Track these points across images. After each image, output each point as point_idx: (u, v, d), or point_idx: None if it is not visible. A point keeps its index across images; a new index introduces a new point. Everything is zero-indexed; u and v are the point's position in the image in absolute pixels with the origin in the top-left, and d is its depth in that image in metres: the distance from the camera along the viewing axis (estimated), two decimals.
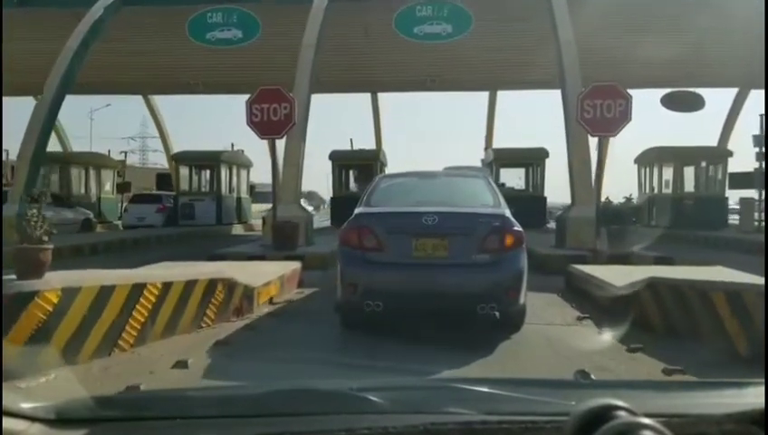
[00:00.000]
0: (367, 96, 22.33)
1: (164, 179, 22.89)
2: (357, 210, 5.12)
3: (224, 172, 19.10)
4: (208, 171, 19.61)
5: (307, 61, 11.57)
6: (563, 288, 6.77)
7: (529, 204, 15.10)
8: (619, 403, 0.60)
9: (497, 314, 4.50)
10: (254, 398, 1.02)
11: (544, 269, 8.26)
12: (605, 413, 0.58)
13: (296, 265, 7.39)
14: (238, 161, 20.08)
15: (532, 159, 17.95)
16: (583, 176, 10.66)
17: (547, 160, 17.83)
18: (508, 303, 4.55)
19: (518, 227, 4.74)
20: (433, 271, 4.64)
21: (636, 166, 19.27)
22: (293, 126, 10.12)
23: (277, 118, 10.01)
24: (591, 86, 9.68)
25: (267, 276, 6.16)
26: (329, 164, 18.77)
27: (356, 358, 4.04)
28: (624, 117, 9.46)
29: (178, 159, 19.80)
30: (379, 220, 4.86)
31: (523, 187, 18.61)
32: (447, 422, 0.72)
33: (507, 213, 4.90)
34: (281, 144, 11.22)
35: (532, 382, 1.26)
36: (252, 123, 10.04)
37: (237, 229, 18.38)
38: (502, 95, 22.42)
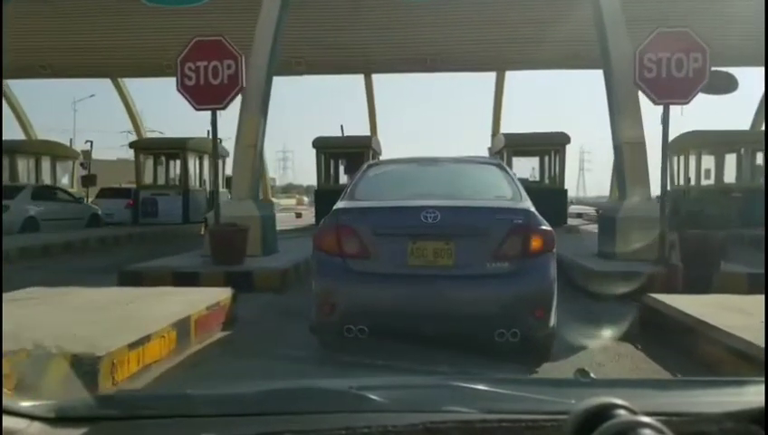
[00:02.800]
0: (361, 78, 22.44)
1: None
2: (337, 205, 4.65)
3: (192, 163, 19.07)
4: (173, 162, 19.64)
5: (270, 15, 10.07)
6: (639, 332, 5.16)
7: (547, 198, 14.64)
8: (619, 402, 0.68)
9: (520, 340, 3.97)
10: (254, 396, 1.13)
11: (592, 292, 6.94)
12: (605, 412, 0.65)
13: (223, 294, 5.74)
14: (210, 150, 19.76)
15: (551, 146, 17.70)
16: (637, 160, 9.26)
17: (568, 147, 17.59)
18: (535, 326, 4.06)
19: (546, 226, 4.28)
20: (435, 285, 4.13)
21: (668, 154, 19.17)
22: (240, 91, 8.60)
23: (218, 81, 8.41)
24: (656, 33, 8.14)
25: (149, 326, 4.29)
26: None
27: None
28: (701, 77, 8.04)
29: (138, 147, 19.72)
30: (365, 217, 4.39)
31: (541, 178, 18.56)
32: (447, 421, 0.82)
33: (531, 208, 4.40)
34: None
35: (533, 381, 1.39)
36: (183, 89, 8.46)
37: None
38: (510, 77, 22.52)
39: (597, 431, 0.63)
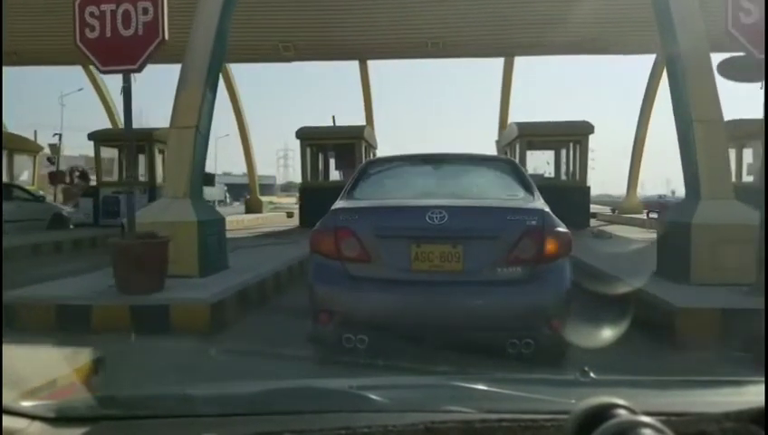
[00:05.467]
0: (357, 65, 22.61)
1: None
2: (336, 204, 4.78)
3: (159, 156, 18.15)
4: (138, 155, 18.96)
5: None
6: None
7: (567, 197, 13.90)
8: (619, 401, 0.74)
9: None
10: (254, 396, 1.24)
11: (668, 339, 5.46)
12: (605, 411, 0.72)
13: (72, 361, 4.10)
14: None
15: (571, 137, 16.94)
16: (714, 144, 7.52)
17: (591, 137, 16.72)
18: (549, 336, 4.11)
19: (563, 228, 4.41)
20: (441, 291, 4.26)
21: None
22: (160, 45, 6.77)
23: (130, 31, 6.75)
24: None
25: None
26: None
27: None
28: None
29: (98, 139, 18.91)
30: (365, 218, 4.48)
31: (557, 173, 18.23)
32: (447, 421, 0.89)
33: (546, 208, 4.54)
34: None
35: (533, 381, 1.49)
36: (83, 43, 6.87)
37: None
38: (520, 63, 22.65)
39: (597, 431, 0.68)
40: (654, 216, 19.00)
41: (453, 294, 4.25)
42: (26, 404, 1.08)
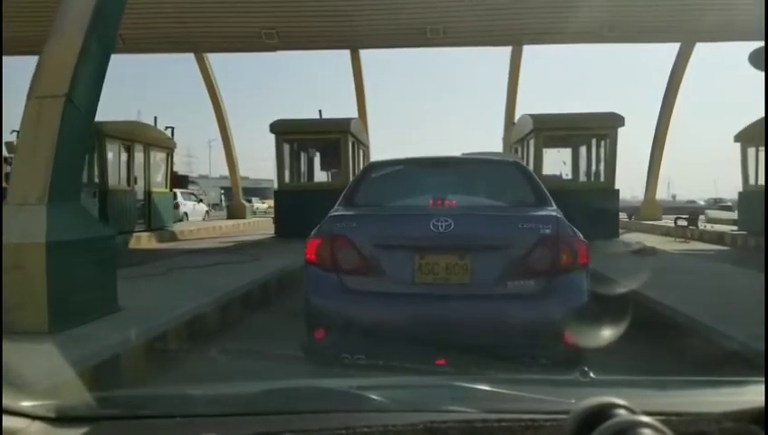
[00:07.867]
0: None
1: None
2: (333, 211, 4.77)
3: (113, 154, 17.53)
4: (90, 153, 18.00)
5: None
6: None
7: (592, 202, 13.68)
8: (619, 401, 0.81)
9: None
10: (254, 396, 1.36)
11: None
12: (605, 411, 0.79)
13: None
14: (145, 139, 18.57)
15: (597, 131, 16.14)
16: None
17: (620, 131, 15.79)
18: (564, 353, 4.03)
19: (579, 236, 4.40)
20: (448, 306, 4.21)
21: (739, 146, 17.91)
22: None
23: None
24: None
25: None
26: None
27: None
28: None
29: None
30: (364, 226, 4.50)
31: (575, 174, 17.75)
32: (447, 421, 0.97)
33: (559, 214, 4.53)
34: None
35: (533, 381, 1.60)
36: None
37: (142, 241, 16.95)
38: (529, 52, 22.52)
39: (597, 431, 0.75)
40: (682, 223, 18.83)
41: (460, 310, 4.19)
42: (26, 404, 1.17)
